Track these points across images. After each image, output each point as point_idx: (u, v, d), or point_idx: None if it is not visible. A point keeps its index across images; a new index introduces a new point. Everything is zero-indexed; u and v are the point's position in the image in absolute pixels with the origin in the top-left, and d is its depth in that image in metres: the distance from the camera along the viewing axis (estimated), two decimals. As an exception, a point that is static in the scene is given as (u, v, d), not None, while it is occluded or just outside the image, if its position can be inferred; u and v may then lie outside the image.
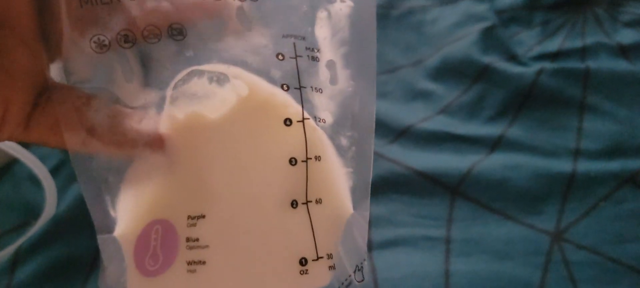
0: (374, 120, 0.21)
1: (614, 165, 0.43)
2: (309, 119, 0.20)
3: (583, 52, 0.52)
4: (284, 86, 0.19)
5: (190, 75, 0.19)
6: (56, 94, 0.19)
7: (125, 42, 0.19)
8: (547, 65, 0.49)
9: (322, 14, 0.19)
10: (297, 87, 0.19)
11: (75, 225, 0.43)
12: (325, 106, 0.20)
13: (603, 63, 0.49)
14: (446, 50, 0.54)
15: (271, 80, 0.19)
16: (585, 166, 0.43)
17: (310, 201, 0.21)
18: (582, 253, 0.39)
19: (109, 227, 0.20)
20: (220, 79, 0.20)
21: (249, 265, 0.21)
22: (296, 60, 0.19)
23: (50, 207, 0.42)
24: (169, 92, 0.19)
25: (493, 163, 0.45)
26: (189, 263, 0.20)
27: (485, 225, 0.42)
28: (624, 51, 0.51)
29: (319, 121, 0.20)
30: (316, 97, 0.20)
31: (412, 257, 0.41)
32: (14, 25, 0.18)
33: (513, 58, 0.52)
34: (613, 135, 0.45)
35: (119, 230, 0.20)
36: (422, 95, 0.52)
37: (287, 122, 0.20)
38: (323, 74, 0.20)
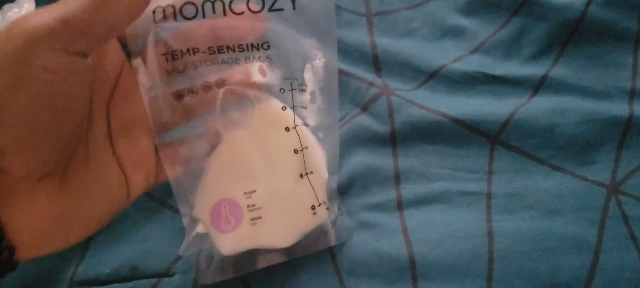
0: (337, 122, 0.34)
1: (677, 107, 0.38)
2: (299, 125, 0.31)
3: (636, -21, 0.46)
4: (284, 107, 0.31)
5: (229, 106, 0.30)
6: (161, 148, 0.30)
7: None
8: (597, -6, 0.43)
9: (308, 66, 0.32)
10: (292, 107, 0.31)
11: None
12: (309, 116, 0.32)
13: (660, -10, 0.43)
14: (479, -20, 0.48)
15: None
16: (643, 108, 0.38)
17: (308, 173, 0.32)
18: (643, 208, 0.35)
19: (190, 210, 0.32)
20: (247, 107, 0.31)
21: (286, 214, 0.32)
22: (292, 92, 0.31)
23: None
24: (219, 121, 0.30)
25: (537, 107, 0.39)
26: (252, 219, 0.32)
27: (531, 177, 0.37)
28: (684, -24, 0.45)
29: (306, 125, 0.32)
30: (303, 111, 0.32)
31: (448, 215, 0.36)
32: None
33: (556, -13, 0.46)
34: (674, 72, 0.40)
35: (195, 211, 0.32)
36: (453, 32, 0.46)
37: (287, 129, 0.31)
38: (307, 97, 0.32)
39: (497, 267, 0.33)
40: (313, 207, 0.33)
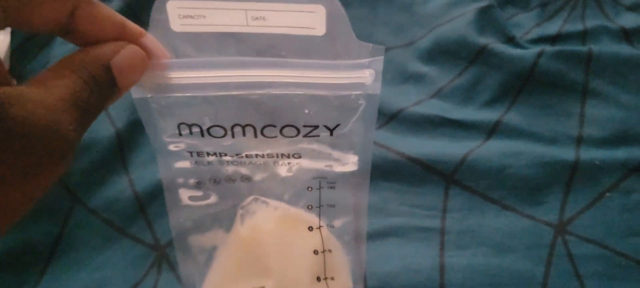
0: (367, 225, 0.31)
1: (619, 154, 0.40)
2: (323, 226, 0.30)
3: (584, 36, 0.49)
4: (309, 206, 0.30)
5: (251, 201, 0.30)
6: None
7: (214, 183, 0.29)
8: (548, 47, 0.46)
9: (340, 168, 0.28)
10: (318, 205, 0.29)
11: (32, 209, 0.38)
12: (336, 216, 0.30)
13: (605, 47, 0.47)
14: (439, 30, 0.51)
15: (303, 203, 0.30)
16: (589, 154, 0.40)
17: (327, 278, 0.31)
18: (587, 247, 0.36)
19: None
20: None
21: None
22: (319, 190, 0.29)
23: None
24: (239, 211, 0.30)
25: (490, 150, 0.41)
26: None
27: (483, 215, 0.39)
28: (627, 35, 0.48)
29: (331, 227, 0.30)
30: (330, 210, 0.30)
31: (404, 249, 0.37)
32: None
33: (510, 40, 0.49)
34: (617, 121, 0.42)
35: None
36: (414, 78, 0.48)
37: (310, 228, 0.30)
38: (337, 195, 0.29)
39: (448, 300, 0.34)
40: None
